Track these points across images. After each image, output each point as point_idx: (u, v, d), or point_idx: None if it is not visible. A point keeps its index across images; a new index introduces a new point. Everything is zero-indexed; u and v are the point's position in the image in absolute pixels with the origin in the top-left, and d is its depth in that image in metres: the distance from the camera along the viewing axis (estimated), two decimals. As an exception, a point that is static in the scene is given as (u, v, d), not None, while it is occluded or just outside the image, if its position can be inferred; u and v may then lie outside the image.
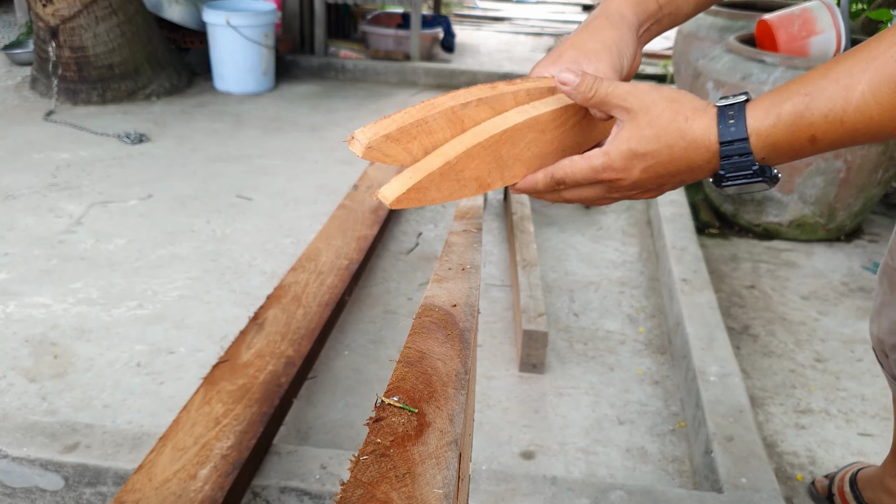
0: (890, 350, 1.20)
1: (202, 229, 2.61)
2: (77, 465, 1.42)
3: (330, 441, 1.66)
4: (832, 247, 2.69)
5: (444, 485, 0.46)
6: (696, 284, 2.16)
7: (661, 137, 0.66)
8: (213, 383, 1.53)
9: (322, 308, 1.85)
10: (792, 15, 2.64)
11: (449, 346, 0.63)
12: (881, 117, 0.58)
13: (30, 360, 1.87)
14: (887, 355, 1.22)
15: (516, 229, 2.46)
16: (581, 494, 1.41)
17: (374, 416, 0.52)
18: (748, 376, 1.95)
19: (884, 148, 2.51)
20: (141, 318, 2.07)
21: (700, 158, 0.66)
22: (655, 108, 0.67)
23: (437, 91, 4.64)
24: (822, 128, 0.60)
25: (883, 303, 1.21)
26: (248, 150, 3.42)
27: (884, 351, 1.22)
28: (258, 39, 4.16)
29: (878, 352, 1.25)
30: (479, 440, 1.68)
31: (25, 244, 2.45)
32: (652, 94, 0.67)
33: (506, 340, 2.07)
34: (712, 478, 1.50)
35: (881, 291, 1.22)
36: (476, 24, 6.86)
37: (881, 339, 1.22)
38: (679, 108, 0.66)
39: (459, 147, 0.68)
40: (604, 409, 1.81)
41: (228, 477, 1.29)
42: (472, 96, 0.71)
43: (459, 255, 0.82)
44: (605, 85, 0.69)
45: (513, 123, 0.70)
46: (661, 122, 0.66)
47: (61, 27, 3.78)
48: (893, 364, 1.22)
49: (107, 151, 3.30)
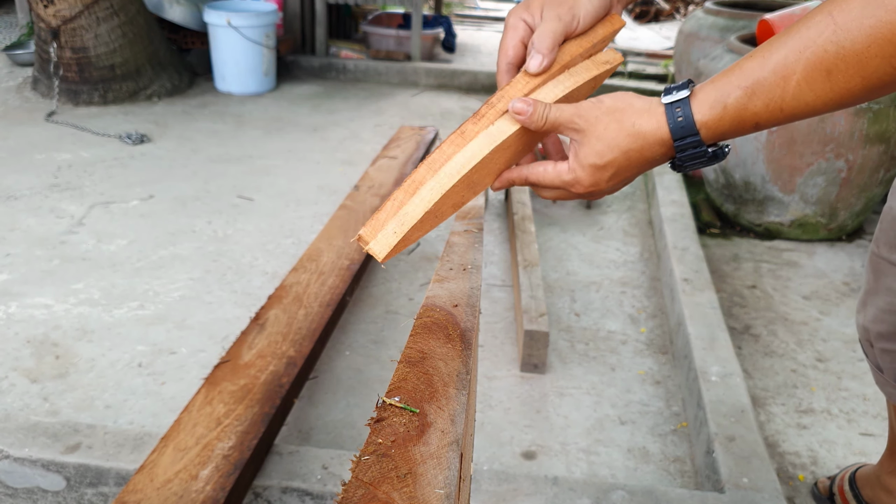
0: (875, 339, 1.20)
1: (203, 230, 2.61)
2: (79, 465, 1.42)
3: (331, 441, 1.67)
4: (834, 246, 2.69)
5: (445, 485, 0.46)
6: (697, 284, 2.16)
7: (614, 147, 0.71)
8: (215, 384, 1.54)
9: (323, 308, 1.85)
10: (793, 15, 2.64)
11: (450, 346, 0.63)
12: (815, 102, 0.64)
13: (31, 361, 1.87)
14: (872, 344, 1.22)
15: (517, 229, 2.46)
16: (582, 495, 1.41)
17: (376, 417, 0.52)
18: (750, 376, 1.94)
19: (885, 147, 2.50)
20: (142, 319, 2.07)
21: (656, 154, 0.72)
22: (600, 125, 0.72)
23: (438, 91, 4.64)
24: (763, 116, 0.66)
25: (867, 291, 1.22)
26: (250, 150, 3.42)
27: (869, 340, 1.23)
28: (259, 40, 4.17)
29: (864, 341, 1.25)
30: (480, 440, 1.68)
31: (27, 245, 2.45)
32: (594, 112, 0.72)
33: (507, 340, 2.07)
34: (714, 478, 1.50)
35: (866, 280, 1.23)
36: (477, 25, 6.86)
37: (866, 327, 1.22)
38: (622, 116, 0.71)
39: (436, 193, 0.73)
40: (605, 410, 1.81)
41: (230, 477, 1.29)
42: (446, 161, 0.75)
43: (461, 255, 0.82)
44: (553, 111, 0.74)
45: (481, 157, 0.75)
46: (609, 134, 0.71)
47: (62, 28, 3.79)
48: (878, 354, 1.21)
49: (108, 152, 3.30)
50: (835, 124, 2.44)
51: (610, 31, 0.81)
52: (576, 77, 0.79)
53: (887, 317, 1.17)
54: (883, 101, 2.43)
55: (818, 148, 2.49)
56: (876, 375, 1.26)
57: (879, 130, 2.46)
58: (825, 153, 2.50)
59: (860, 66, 0.61)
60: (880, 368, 1.23)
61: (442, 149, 0.76)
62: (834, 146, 2.48)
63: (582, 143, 0.73)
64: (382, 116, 4.05)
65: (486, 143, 0.75)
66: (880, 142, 2.48)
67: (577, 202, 3.03)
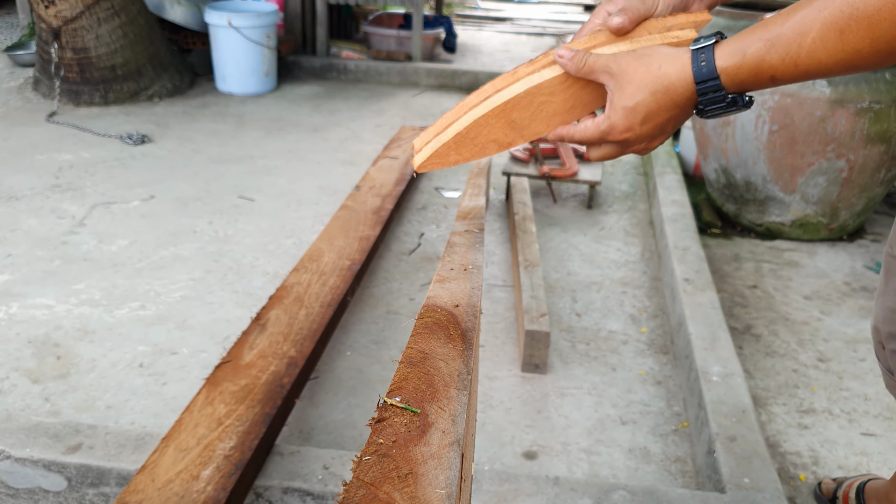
0: (886, 339, 1.20)
1: (204, 230, 2.61)
2: (80, 465, 1.42)
3: (332, 441, 1.67)
4: (835, 246, 2.69)
5: (446, 485, 0.46)
6: (698, 284, 2.16)
7: (642, 88, 0.77)
8: (216, 384, 1.54)
9: (324, 308, 1.85)
10: (794, 14, 2.63)
11: (451, 346, 0.63)
12: (828, 60, 0.69)
13: (33, 361, 1.88)
14: (884, 346, 1.21)
15: (518, 229, 2.46)
16: (584, 495, 1.41)
17: (377, 417, 0.52)
18: (751, 376, 1.94)
19: (886, 147, 2.50)
20: (143, 319, 2.08)
21: (681, 97, 0.77)
22: (630, 68, 0.78)
23: (439, 92, 4.64)
24: (780, 69, 0.72)
25: (879, 292, 1.23)
26: (251, 150, 3.43)
27: (881, 342, 1.22)
28: (260, 40, 4.17)
29: (876, 343, 1.25)
30: (481, 440, 1.68)
31: (28, 245, 2.45)
32: (626, 58, 0.79)
33: (508, 341, 2.07)
34: (715, 478, 1.50)
35: (880, 281, 1.22)
36: (478, 25, 6.86)
37: (877, 327, 1.22)
38: (650, 60, 0.77)
39: (469, 118, 0.81)
40: (606, 410, 1.81)
41: (231, 477, 1.29)
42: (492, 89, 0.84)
43: (462, 255, 0.82)
44: (591, 58, 0.80)
45: (515, 94, 0.81)
46: (638, 76, 0.77)
47: (63, 28, 3.79)
48: (889, 355, 1.20)
49: (109, 152, 3.30)
50: (836, 124, 2.44)
51: (691, 21, 0.85)
52: (635, 44, 0.82)
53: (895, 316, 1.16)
54: (884, 100, 2.43)
55: (819, 148, 2.49)
56: (886, 379, 1.25)
57: (880, 130, 2.46)
58: (826, 153, 2.50)
59: (870, 28, 0.65)
60: (891, 371, 1.22)
61: (493, 82, 0.83)
62: (835, 146, 2.48)
63: (615, 88, 0.79)
64: (383, 117, 4.06)
65: (527, 83, 0.81)
66: (881, 141, 2.48)
67: (577, 202, 3.03)
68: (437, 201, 2.98)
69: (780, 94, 2.47)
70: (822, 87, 2.44)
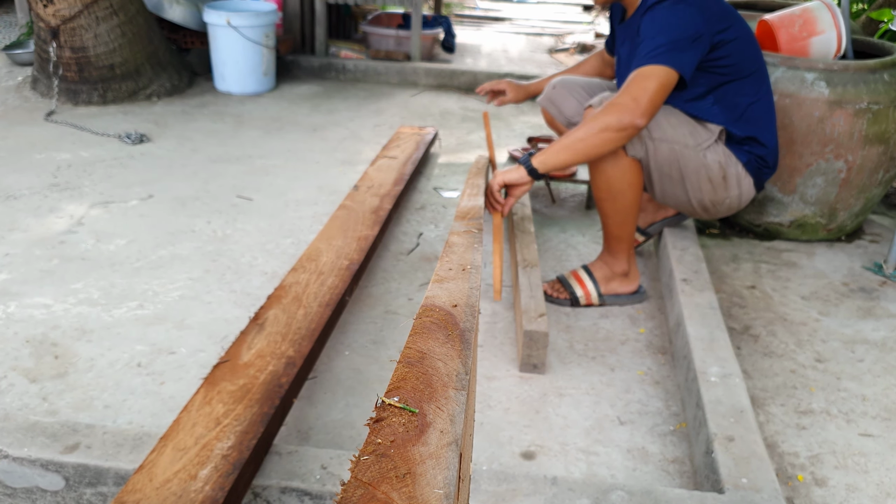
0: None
1: (203, 230, 2.61)
2: (78, 465, 1.42)
3: (330, 441, 1.67)
4: (833, 247, 2.69)
5: (444, 485, 0.46)
6: (696, 285, 2.16)
7: (507, 174, 2.02)
8: (214, 384, 1.54)
9: (323, 308, 1.85)
10: (793, 15, 2.64)
11: (449, 346, 0.63)
12: (566, 162, 1.95)
13: (30, 361, 1.87)
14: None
15: (517, 229, 2.46)
16: (582, 495, 1.41)
17: (375, 417, 0.52)
18: (749, 377, 1.95)
19: (884, 148, 2.50)
20: (142, 319, 2.07)
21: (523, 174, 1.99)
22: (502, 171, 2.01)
23: (438, 91, 4.64)
24: (558, 167, 1.95)
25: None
26: (249, 150, 3.43)
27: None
28: (259, 40, 4.17)
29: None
30: (479, 440, 1.68)
31: (26, 244, 2.45)
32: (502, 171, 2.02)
33: (506, 341, 2.07)
34: (713, 478, 1.50)
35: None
36: (477, 25, 6.86)
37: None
38: (509, 169, 2.01)
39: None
40: (604, 410, 1.81)
41: (229, 477, 1.29)
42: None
43: (460, 255, 0.82)
44: (497, 176, 2.02)
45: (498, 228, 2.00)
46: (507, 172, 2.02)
47: (62, 27, 3.79)
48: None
49: (108, 152, 3.30)
50: (834, 125, 2.45)
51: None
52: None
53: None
54: (882, 101, 2.44)
55: (817, 148, 2.49)
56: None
57: (879, 131, 2.47)
58: (824, 153, 2.50)
59: (571, 151, 1.93)
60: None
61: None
62: (833, 147, 2.48)
63: (503, 172, 2.01)
64: (382, 116, 4.06)
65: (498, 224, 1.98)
66: (880, 142, 2.48)
67: (575, 203, 3.03)
68: (435, 201, 2.98)
69: (779, 94, 2.47)
70: (821, 87, 2.44)
